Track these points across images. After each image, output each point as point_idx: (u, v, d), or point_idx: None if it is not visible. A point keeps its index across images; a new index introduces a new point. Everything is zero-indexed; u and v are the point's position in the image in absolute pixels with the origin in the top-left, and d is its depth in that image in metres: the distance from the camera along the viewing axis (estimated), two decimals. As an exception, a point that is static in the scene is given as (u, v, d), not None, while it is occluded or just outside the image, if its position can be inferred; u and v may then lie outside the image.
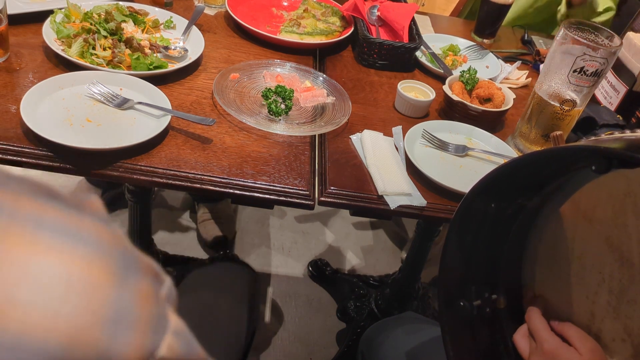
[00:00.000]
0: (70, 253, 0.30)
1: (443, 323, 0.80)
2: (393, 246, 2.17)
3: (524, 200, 0.75)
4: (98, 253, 0.31)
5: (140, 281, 0.32)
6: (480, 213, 0.75)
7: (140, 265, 0.33)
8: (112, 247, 0.32)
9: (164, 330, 0.33)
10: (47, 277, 0.28)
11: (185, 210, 2.07)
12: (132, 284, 0.32)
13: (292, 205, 0.94)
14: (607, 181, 0.67)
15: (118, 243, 0.33)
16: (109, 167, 0.89)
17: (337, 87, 1.19)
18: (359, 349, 1.17)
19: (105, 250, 0.32)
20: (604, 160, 0.59)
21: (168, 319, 0.34)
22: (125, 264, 0.32)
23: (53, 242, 0.30)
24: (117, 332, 0.30)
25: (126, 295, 0.31)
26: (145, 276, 0.33)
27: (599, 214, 0.68)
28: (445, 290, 0.80)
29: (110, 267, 0.31)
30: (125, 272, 0.32)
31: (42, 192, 0.32)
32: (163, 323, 0.33)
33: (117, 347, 0.29)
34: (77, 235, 0.31)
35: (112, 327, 0.30)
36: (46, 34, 1.09)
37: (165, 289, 0.35)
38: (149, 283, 0.33)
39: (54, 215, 0.31)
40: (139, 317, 0.31)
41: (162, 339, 0.32)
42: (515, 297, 0.81)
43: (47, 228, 0.30)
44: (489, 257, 0.79)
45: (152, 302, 0.33)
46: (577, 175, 0.70)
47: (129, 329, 0.30)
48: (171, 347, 0.33)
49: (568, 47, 0.99)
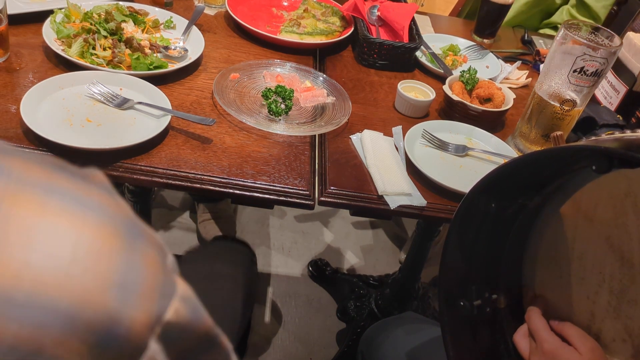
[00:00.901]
0: (80, 218, 0.31)
1: (443, 323, 0.80)
2: (393, 246, 2.17)
3: (524, 200, 0.75)
4: (106, 219, 0.32)
5: (146, 248, 0.33)
6: (481, 213, 0.75)
7: (145, 234, 0.34)
8: (119, 215, 0.33)
9: (171, 295, 0.33)
10: (57, 239, 0.29)
11: (185, 210, 2.07)
12: (139, 250, 0.32)
13: (292, 205, 0.94)
14: (608, 181, 0.67)
15: (124, 212, 0.34)
16: (109, 167, 0.89)
17: (337, 87, 1.19)
18: (358, 349, 1.17)
19: (113, 217, 0.32)
20: (605, 160, 0.59)
21: (175, 284, 0.34)
22: (132, 232, 0.33)
23: (63, 207, 0.30)
24: (126, 296, 0.30)
25: (134, 261, 0.32)
26: (151, 244, 0.34)
27: (600, 214, 0.68)
28: (445, 290, 0.80)
29: (118, 233, 0.32)
30: (132, 239, 0.32)
31: (50, 162, 0.33)
32: (170, 288, 0.34)
33: (125, 310, 0.30)
34: (85, 202, 0.32)
35: (121, 291, 0.30)
36: (46, 34, 1.09)
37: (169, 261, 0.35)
38: (154, 251, 0.34)
39: (63, 183, 0.32)
40: (147, 282, 0.32)
41: (170, 304, 0.33)
42: (515, 297, 0.81)
43: (57, 193, 0.31)
44: (490, 256, 0.79)
45: (158, 268, 0.33)
46: (578, 175, 0.70)
47: (136, 293, 0.31)
48: (178, 312, 0.33)
49: (568, 47, 0.99)
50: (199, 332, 0.36)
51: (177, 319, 0.33)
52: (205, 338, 0.37)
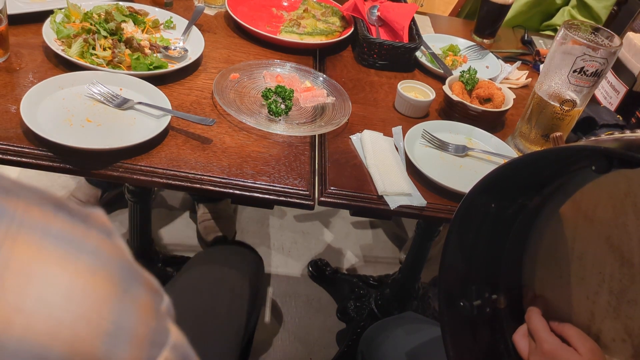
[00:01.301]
0: (75, 263, 0.31)
1: (443, 323, 0.80)
2: (393, 246, 2.17)
3: (524, 200, 0.75)
4: (101, 265, 0.32)
5: (141, 294, 0.33)
6: (481, 213, 0.75)
7: (141, 279, 0.34)
8: (116, 260, 0.33)
9: (162, 343, 0.33)
10: (51, 286, 0.29)
11: (185, 210, 2.07)
12: (133, 297, 0.32)
13: (292, 205, 0.94)
14: (608, 181, 0.67)
15: (121, 256, 0.33)
16: (109, 167, 0.89)
17: (337, 87, 1.19)
18: (358, 349, 1.17)
19: (109, 262, 0.32)
20: (605, 160, 0.59)
21: (168, 332, 0.34)
22: (127, 277, 0.33)
23: (58, 252, 0.30)
24: (116, 345, 0.30)
25: (127, 308, 0.32)
26: (146, 290, 0.34)
27: (600, 214, 0.68)
28: (445, 290, 0.80)
29: (113, 279, 0.32)
30: (127, 285, 0.32)
31: (50, 202, 0.32)
32: (162, 337, 0.34)
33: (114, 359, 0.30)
34: (81, 246, 0.31)
35: (112, 339, 0.30)
36: (46, 34, 1.09)
37: (164, 304, 0.35)
38: (149, 297, 0.34)
39: (61, 225, 0.31)
40: (138, 330, 0.32)
41: (160, 353, 0.33)
42: (515, 297, 0.81)
43: (54, 237, 0.31)
44: (490, 257, 0.79)
45: (152, 316, 0.33)
46: (578, 176, 0.70)
47: (127, 342, 0.31)
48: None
49: (568, 47, 0.99)
50: None
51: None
52: None
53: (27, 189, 0.32)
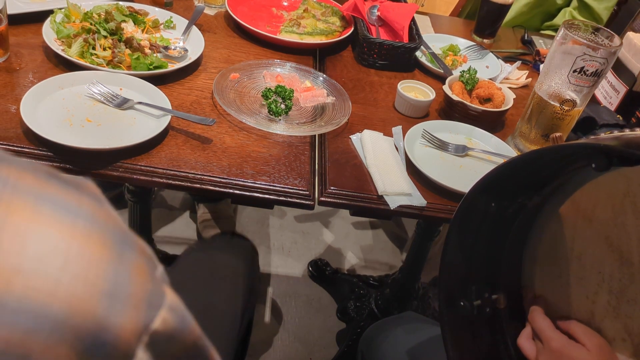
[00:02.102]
0: (70, 226, 0.31)
1: (443, 323, 0.80)
2: (393, 246, 2.17)
3: (524, 200, 0.75)
4: (96, 228, 0.32)
5: (135, 258, 0.34)
6: (481, 212, 0.75)
7: (135, 244, 0.35)
8: (109, 225, 0.33)
9: (159, 305, 0.34)
10: (48, 247, 0.30)
11: (185, 210, 2.07)
12: (128, 260, 0.33)
13: (292, 205, 0.94)
14: (607, 181, 0.67)
15: (114, 222, 0.34)
16: (109, 167, 0.89)
17: (337, 87, 1.19)
18: (358, 349, 1.17)
19: (103, 226, 0.33)
20: (604, 158, 0.59)
21: (164, 294, 0.35)
22: (121, 241, 0.33)
23: (53, 215, 0.31)
24: (114, 304, 0.31)
25: (122, 270, 0.32)
26: (140, 255, 0.34)
27: (599, 214, 0.68)
28: (445, 290, 0.80)
29: (108, 242, 0.32)
30: (122, 249, 0.33)
31: (43, 171, 0.33)
32: (159, 298, 0.34)
33: (113, 319, 0.30)
34: (76, 211, 0.32)
35: (109, 299, 0.31)
36: (46, 34, 1.09)
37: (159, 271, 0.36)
38: (144, 261, 0.34)
39: (55, 191, 0.32)
40: (135, 291, 0.32)
41: (157, 313, 0.33)
42: (515, 297, 0.81)
43: (48, 201, 0.31)
44: (490, 256, 0.79)
45: (147, 278, 0.34)
46: (577, 175, 0.70)
47: (124, 302, 0.31)
48: (165, 321, 0.34)
49: (568, 47, 0.99)
50: (186, 342, 0.37)
51: (165, 329, 0.34)
52: (193, 348, 0.38)
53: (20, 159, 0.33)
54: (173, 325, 0.35)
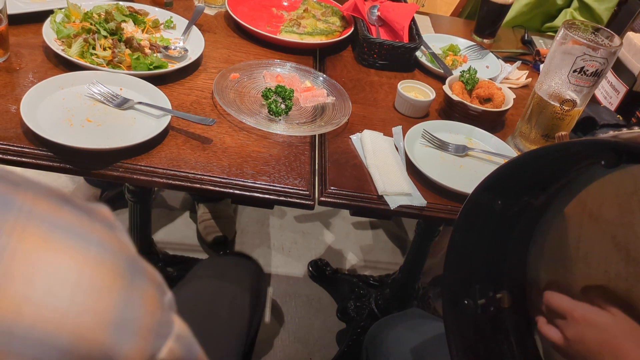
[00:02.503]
0: (82, 254, 0.31)
1: (447, 322, 0.80)
2: (393, 246, 2.17)
3: (529, 198, 0.75)
4: (107, 256, 0.32)
5: (146, 287, 0.34)
6: (486, 211, 0.74)
7: (145, 272, 0.35)
8: (120, 253, 0.33)
9: (167, 334, 0.34)
10: (59, 276, 0.30)
11: (185, 210, 2.07)
12: (138, 288, 0.33)
13: (292, 205, 0.94)
14: (614, 180, 0.67)
15: (126, 250, 0.34)
16: (109, 167, 0.89)
17: (337, 87, 1.19)
18: (363, 346, 1.17)
19: (114, 254, 0.33)
20: (614, 155, 0.58)
21: (172, 323, 0.35)
22: (132, 270, 0.33)
23: (66, 243, 0.31)
24: (122, 334, 0.31)
25: (132, 299, 0.32)
26: (151, 283, 0.34)
27: (605, 213, 0.68)
28: (449, 289, 0.80)
29: (119, 271, 0.32)
30: (132, 277, 0.33)
31: (57, 196, 0.33)
32: (167, 328, 0.34)
33: (120, 349, 0.31)
34: (88, 238, 0.32)
35: (117, 329, 0.31)
36: (46, 34, 1.09)
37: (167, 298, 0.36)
38: (153, 289, 0.34)
39: (68, 218, 0.32)
40: (144, 320, 0.32)
41: (164, 343, 0.33)
42: (519, 296, 0.81)
43: (61, 229, 0.31)
44: (494, 255, 0.79)
45: (156, 307, 0.34)
46: (583, 174, 0.69)
47: (133, 332, 0.31)
48: (172, 351, 0.34)
49: (568, 47, 0.99)
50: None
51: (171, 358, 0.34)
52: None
53: (35, 183, 0.33)
54: (179, 355, 0.35)
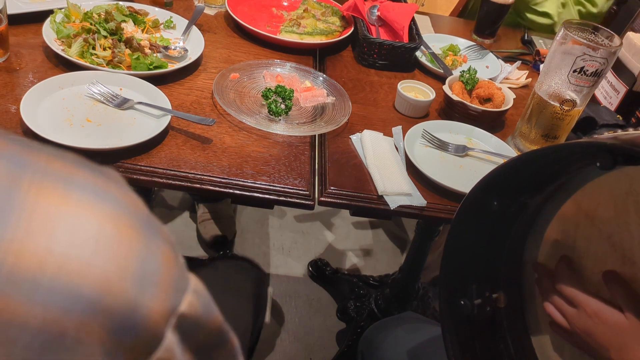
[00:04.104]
0: (100, 209, 0.32)
1: (444, 322, 0.80)
2: (393, 246, 2.17)
3: (526, 199, 0.75)
4: (125, 212, 0.33)
5: (162, 243, 0.34)
6: (483, 211, 0.75)
7: (160, 230, 0.35)
8: (137, 210, 0.34)
9: (185, 288, 0.35)
10: (80, 229, 0.30)
11: (185, 210, 2.07)
12: (155, 244, 0.34)
13: (292, 205, 0.94)
14: (609, 180, 0.67)
15: (141, 207, 0.35)
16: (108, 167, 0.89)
17: (337, 87, 1.19)
18: (358, 349, 1.17)
19: (131, 210, 0.33)
20: (610, 157, 0.59)
21: (189, 279, 0.36)
22: (149, 226, 0.34)
23: (84, 199, 0.31)
24: (144, 286, 0.31)
25: (151, 253, 0.33)
26: (165, 240, 0.35)
27: (601, 213, 0.68)
28: (446, 289, 0.80)
29: (136, 226, 0.33)
30: (150, 233, 0.34)
31: (71, 158, 0.34)
32: (184, 282, 0.35)
33: (143, 300, 0.31)
34: (105, 195, 0.33)
35: (139, 281, 0.31)
36: (46, 34, 1.09)
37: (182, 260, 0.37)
38: (169, 247, 0.35)
39: (83, 176, 0.33)
40: (163, 274, 0.33)
41: (184, 296, 0.34)
42: (516, 296, 0.81)
43: (77, 186, 0.32)
44: (491, 255, 0.79)
45: (173, 263, 0.34)
46: (580, 174, 0.70)
47: (154, 283, 0.32)
48: (192, 304, 0.35)
49: (568, 47, 0.99)
50: (211, 326, 0.38)
51: (191, 312, 0.35)
52: (217, 333, 0.39)
53: (47, 147, 0.34)
54: (198, 309, 0.35)
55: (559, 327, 0.71)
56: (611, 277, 0.66)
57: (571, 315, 0.69)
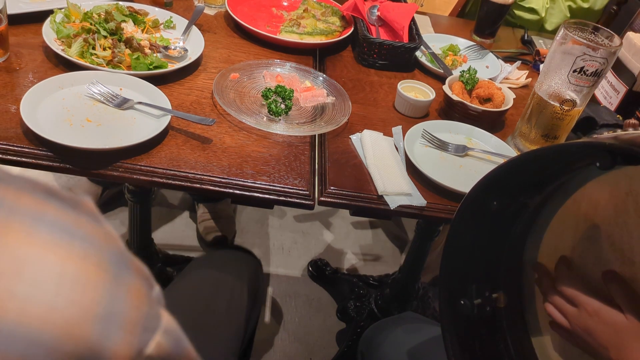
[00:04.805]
0: (66, 249, 0.31)
1: (443, 322, 0.80)
2: (393, 246, 2.17)
3: (525, 199, 0.75)
4: (93, 250, 0.32)
5: (132, 280, 0.33)
6: (483, 211, 0.75)
7: (132, 265, 0.34)
8: (106, 246, 0.33)
9: (154, 328, 0.34)
10: (44, 271, 0.29)
11: (185, 210, 2.07)
12: (124, 282, 0.32)
13: (292, 205, 0.94)
14: (609, 180, 0.67)
15: (112, 243, 0.34)
16: (109, 167, 0.89)
17: (337, 87, 1.19)
18: (358, 349, 1.17)
19: (99, 248, 0.32)
20: (609, 157, 0.59)
21: (160, 318, 0.34)
22: (118, 263, 0.33)
23: (50, 238, 0.30)
24: (108, 329, 0.30)
25: (118, 293, 0.32)
26: (137, 276, 0.34)
27: (601, 213, 0.68)
28: (446, 289, 0.80)
29: (104, 264, 0.32)
30: (118, 271, 0.32)
31: (41, 190, 0.33)
32: (154, 322, 0.34)
33: (107, 343, 0.30)
34: (73, 232, 0.32)
35: (103, 324, 0.30)
36: (46, 34, 1.09)
37: (155, 292, 0.35)
38: (140, 283, 0.34)
39: (52, 212, 0.32)
40: (130, 315, 0.32)
41: (152, 338, 0.33)
42: (515, 296, 0.81)
43: (45, 223, 0.31)
44: (490, 255, 0.79)
45: (143, 301, 0.33)
46: (579, 175, 0.70)
47: (119, 326, 0.31)
48: (160, 346, 0.33)
49: (568, 47, 0.99)
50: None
51: (159, 353, 0.33)
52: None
53: (17, 177, 0.33)
54: (168, 350, 0.34)
55: (559, 326, 0.71)
56: (611, 277, 0.66)
57: (571, 315, 0.69)
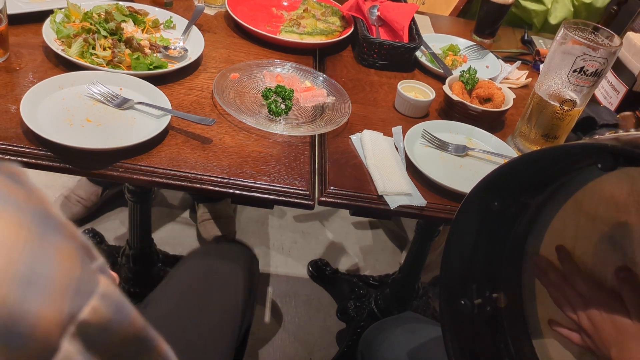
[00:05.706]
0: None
1: (444, 322, 0.80)
2: (393, 246, 2.17)
3: (526, 199, 0.75)
4: (10, 208, 0.30)
5: (61, 242, 0.31)
6: (483, 211, 0.75)
7: (62, 227, 0.32)
8: (28, 205, 0.31)
9: (89, 292, 0.31)
10: None
11: (185, 210, 2.07)
12: (50, 243, 0.30)
13: (292, 205, 0.94)
14: (610, 180, 0.67)
15: (36, 203, 0.32)
16: (109, 167, 0.89)
17: (337, 87, 1.19)
18: (358, 349, 1.17)
19: (19, 206, 0.30)
20: (611, 158, 0.59)
21: (97, 282, 0.32)
22: (44, 224, 0.31)
23: None
24: (29, 291, 0.28)
25: (43, 254, 0.30)
26: (68, 239, 0.32)
27: (602, 213, 0.68)
28: (446, 289, 0.80)
29: (25, 223, 0.30)
30: (44, 231, 0.31)
31: None
32: (89, 285, 0.32)
33: (28, 306, 0.28)
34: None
35: (24, 285, 0.28)
36: (46, 34, 1.09)
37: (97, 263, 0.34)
38: (71, 246, 0.32)
39: None
40: (58, 277, 0.30)
41: (86, 302, 0.31)
42: (515, 296, 0.81)
43: None
44: (491, 255, 0.79)
45: (75, 265, 0.31)
46: (580, 175, 0.70)
47: (44, 288, 0.29)
48: (97, 311, 0.31)
49: (568, 47, 0.99)
50: (126, 333, 0.34)
51: (97, 318, 0.31)
52: (135, 340, 0.35)
53: None
54: (107, 315, 0.32)
55: (559, 326, 0.71)
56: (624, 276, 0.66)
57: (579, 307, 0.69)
